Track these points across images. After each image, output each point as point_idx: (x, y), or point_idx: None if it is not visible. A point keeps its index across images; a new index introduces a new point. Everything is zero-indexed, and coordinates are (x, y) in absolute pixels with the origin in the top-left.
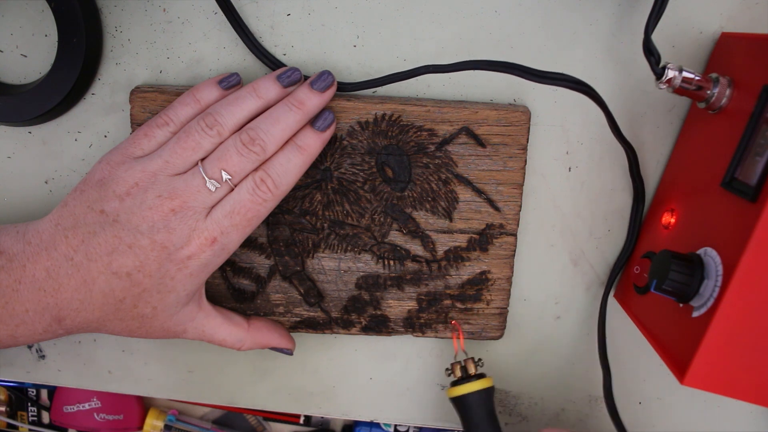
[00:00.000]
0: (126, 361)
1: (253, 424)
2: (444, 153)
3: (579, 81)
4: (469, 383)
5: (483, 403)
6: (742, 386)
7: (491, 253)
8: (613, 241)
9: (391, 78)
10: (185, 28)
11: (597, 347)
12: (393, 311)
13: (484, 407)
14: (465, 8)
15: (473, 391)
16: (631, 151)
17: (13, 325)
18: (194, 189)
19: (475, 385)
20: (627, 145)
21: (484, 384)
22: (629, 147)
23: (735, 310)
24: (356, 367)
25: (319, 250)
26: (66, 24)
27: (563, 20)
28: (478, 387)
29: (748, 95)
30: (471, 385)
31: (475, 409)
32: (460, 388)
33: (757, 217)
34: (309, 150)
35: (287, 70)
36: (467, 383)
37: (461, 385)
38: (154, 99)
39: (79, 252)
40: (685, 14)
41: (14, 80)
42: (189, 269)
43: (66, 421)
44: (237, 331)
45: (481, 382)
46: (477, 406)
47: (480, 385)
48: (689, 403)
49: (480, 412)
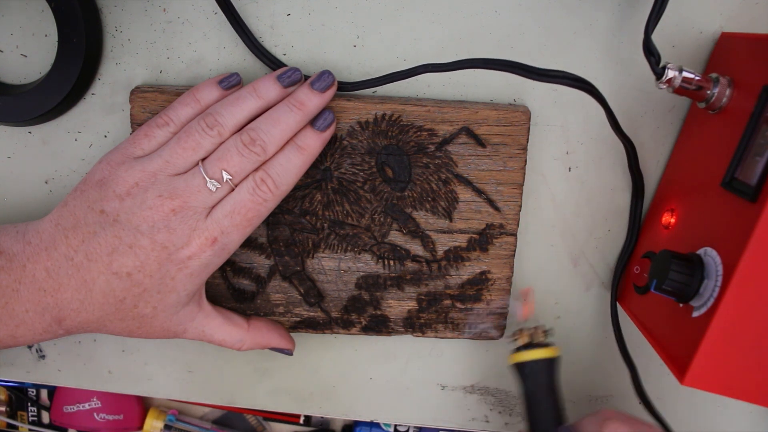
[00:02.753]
0: (126, 361)
1: (253, 424)
2: (444, 153)
3: (578, 78)
4: (534, 350)
5: (546, 373)
6: (742, 386)
7: (491, 253)
8: (613, 241)
9: (390, 77)
10: (185, 28)
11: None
12: (393, 311)
13: (547, 377)
14: (465, 8)
15: (538, 359)
16: (630, 146)
17: (13, 326)
18: (195, 189)
19: (540, 352)
20: (626, 139)
21: (550, 353)
22: (628, 142)
23: (735, 310)
24: (356, 367)
25: (319, 250)
26: (66, 24)
27: (563, 20)
28: (543, 355)
29: (748, 95)
30: (536, 353)
31: (537, 378)
32: (523, 354)
33: (757, 217)
34: (309, 150)
35: (287, 70)
36: (532, 350)
37: (525, 351)
38: (154, 99)
39: (80, 252)
40: (685, 14)
41: (14, 80)
42: (189, 269)
43: (66, 421)
44: (237, 331)
45: (547, 351)
46: (540, 374)
47: (546, 354)
48: (689, 403)
49: (543, 380)
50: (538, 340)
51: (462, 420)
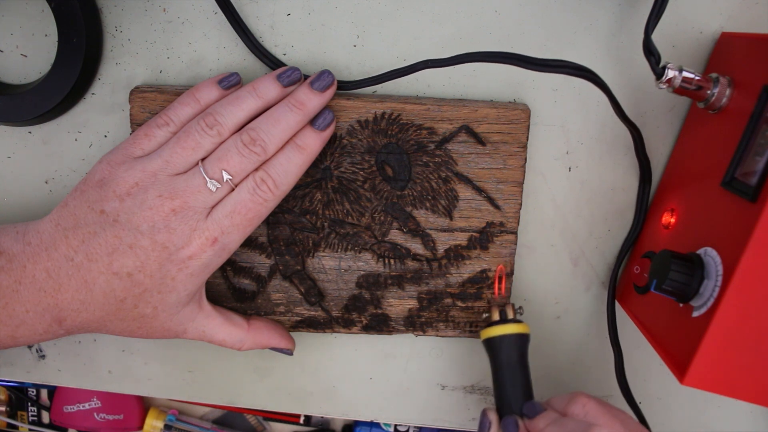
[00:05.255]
0: (126, 361)
1: (253, 424)
2: (444, 151)
3: (580, 66)
4: (503, 325)
5: (516, 349)
6: (742, 386)
7: (492, 251)
8: (613, 241)
9: (390, 75)
10: (185, 28)
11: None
12: (394, 310)
13: (517, 352)
14: (465, 8)
15: (507, 334)
16: (636, 132)
17: (13, 326)
18: (195, 189)
19: (510, 328)
20: (632, 125)
21: (519, 329)
22: (634, 128)
23: (735, 310)
24: (356, 367)
25: (319, 249)
26: (66, 24)
27: (563, 20)
28: (512, 330)
29: (748, 95)
30: (505, 328)
31: (506, 353)
32: (493, 329)
33: (757, 217)
34: (309, 149)
35: (287, 70)
36: (502, 325)
37: (495, 327)
38: (154, 99)
39: (80, 252)
40: (685, 14)
41: (14, 80)
42: (190, 269)
43: (66, 421)
44: (237, 331)
45: (516, 326)
46: (509, 350)
47: (515, 329)
48: (689, 403)
49: (512, 356)
50: (508, 316)
51: (462, 420)
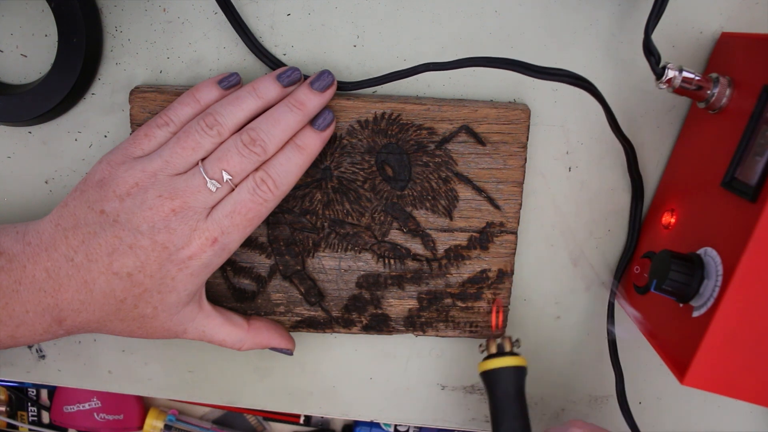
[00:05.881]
0: (126, 361)
1: (253, 424)
2: (444, 151)
3: (578, 76)
4: (501, 358)
5: (513, 381)
6: (742, 386)
7: (492, 251)
8: (613, 241)
9: (391, 76)
10: (185, 28)
11: (608, 350)
12: (394, 310)
13: (514, 385)
14: (465, 8)
15: (504, 367)
16: (630, 148)
17: (13, 326)
18: (195, 189)
19: (507, 360)
20: (626, 141)
21: (516, 362)
22: (628, 143)
23: (735, 310)
24: (356, 367)
25: (319, 250)
26: (66, 24)
27: (563, 20)
28: (510, 363)
29: (748, 95)
30: (503, 360)
31: (503, 386)
32: (491, 362)
33: (757, 217)
34: (309, 149)
35: (287, 70)
36: (499, 358)
37: (493, 359)
38: (154, 99)
39: (80, 252)
40: (685, 14)
41: (14, 80)
42: (190, 269)
43: (66, 421)
44: (237, 331)
45: (514, 359)
46: (506, 383)
47: (512, 362)
48: (689, 403)
49: (509, 388)
50: (506, 349)
51: (462, 420)
